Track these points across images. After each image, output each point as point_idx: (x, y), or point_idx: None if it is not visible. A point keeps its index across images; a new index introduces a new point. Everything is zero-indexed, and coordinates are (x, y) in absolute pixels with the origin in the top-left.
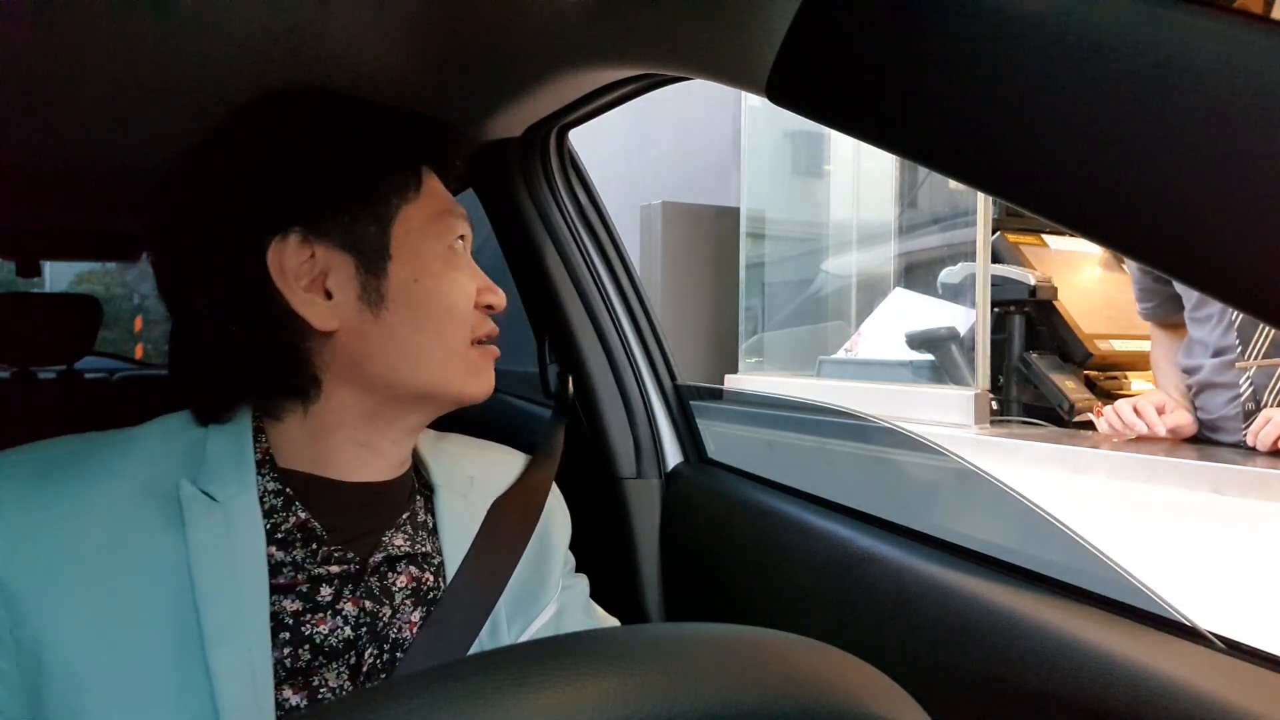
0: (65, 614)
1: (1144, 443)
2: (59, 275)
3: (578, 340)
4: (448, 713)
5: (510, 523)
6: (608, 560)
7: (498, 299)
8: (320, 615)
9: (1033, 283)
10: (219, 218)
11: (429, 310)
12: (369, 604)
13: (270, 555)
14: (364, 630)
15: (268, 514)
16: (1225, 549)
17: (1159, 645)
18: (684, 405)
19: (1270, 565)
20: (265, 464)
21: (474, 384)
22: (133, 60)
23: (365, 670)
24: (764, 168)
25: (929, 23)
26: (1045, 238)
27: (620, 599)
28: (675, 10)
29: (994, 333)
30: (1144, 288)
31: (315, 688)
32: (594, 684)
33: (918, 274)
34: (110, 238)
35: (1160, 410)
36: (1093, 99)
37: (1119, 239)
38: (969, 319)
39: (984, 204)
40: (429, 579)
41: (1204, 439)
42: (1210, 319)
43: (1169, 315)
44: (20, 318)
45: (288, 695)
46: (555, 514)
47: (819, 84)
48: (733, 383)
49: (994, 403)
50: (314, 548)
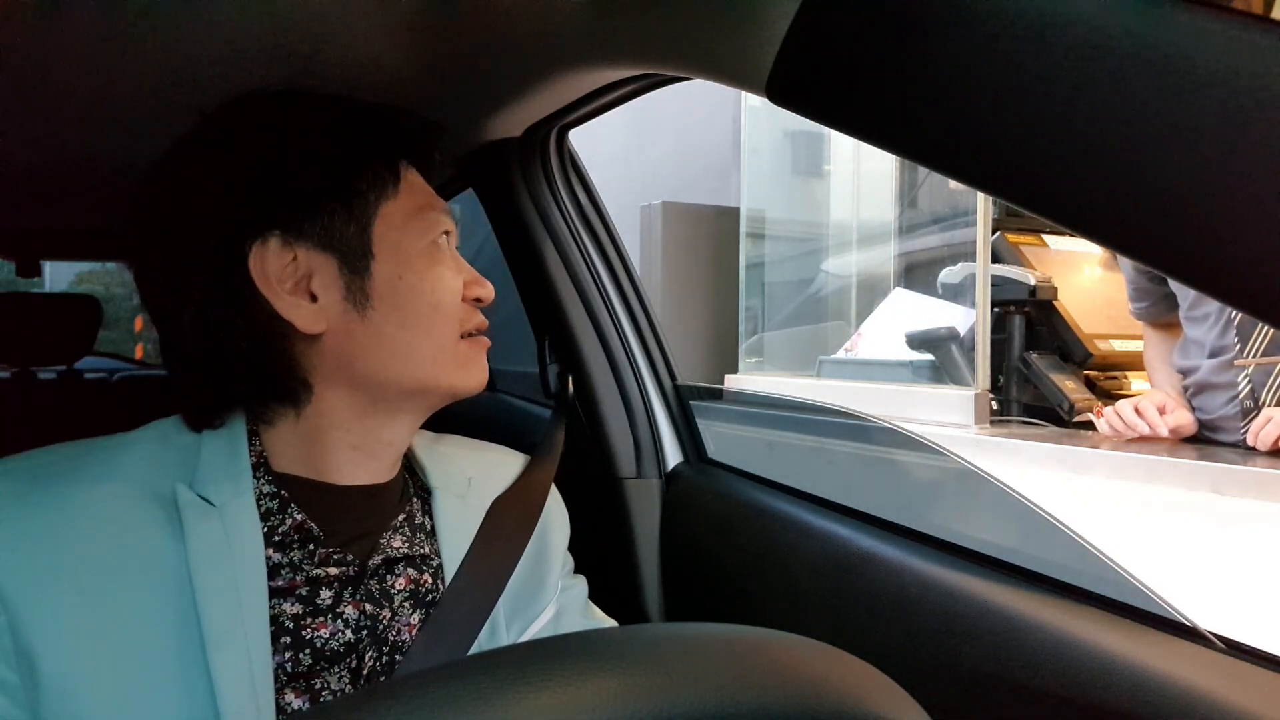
0: (62, 620)
1: (1144, 443)
2: (59, 275)
3: (578, 340)
4: (448, 712)
5: (509, 524)
6: (608, 560)
7: (485, 291)
8: (320, 619)
9: (1033, 283)
10: (195, 222)
11: (416, 307)
12: (369, 607)
13: (268, 557)
14: (364, 633)
15: (264, 517)
16: (1225, 549)
17: (1159, 645)
18: (684, 405)
19: (1270, 565)
20: (260, 467)
21: (466, 377)
22: (133, 59)
23: (366, 673)
24: (764, 168)
25: (929, 23)
26: (1045, 238)
27: (620, 599)
28: (675, 10)
29: (994, 333)
30: (1138, 287)
31: (318, 691)
32: (594, 684)
33: (918, 274)
34: (110, 238)
35: (1161, 410)
36: (1093, 99)
37: (1119, 239)
38: (969, 319)
39: (984, 204)
40: (428, 581)
41: (1204, 439)
42: (1207, 318)
43: (1163, 315)
44: (20, 318)
45: (290, 699)
46: (554, 515)
47: (819, 84)
48: (733, 383)
49: (994, 403)
50: (311, 549)
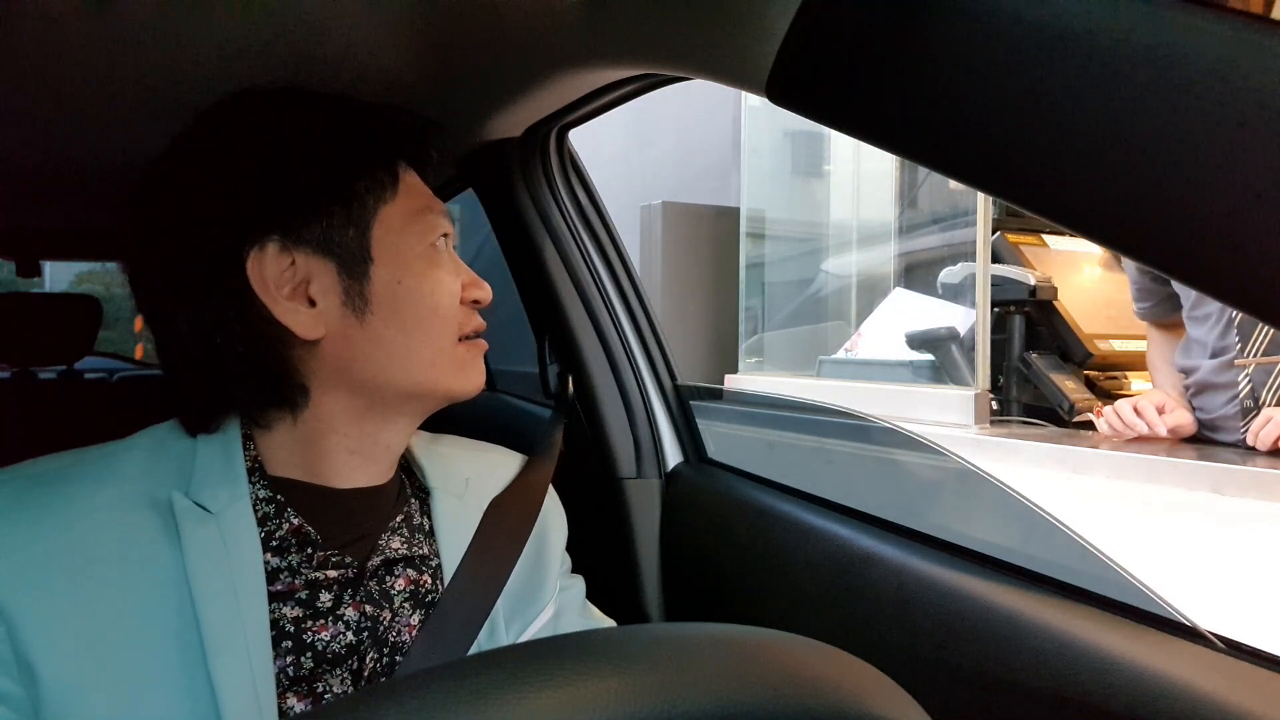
0: (61, 629)
1: (1144, 443)
2: (59, 275)
3: (578, 340)
4: (448, 712)
5: (507, 524)
6: (608, 560)
7: (483, 293)
8: (321, 622)
9: (1033, 283)
10: (193, 222)
11: (414, 311)
12: (369, 608)
13: (266, 562)
14: (365, 634)
15: (261, 522)
16: (1225, 549)
17: (1159, 645)
18: (684, 405)
19: (1270, 565)
20: (255, 472)
21: (463, 380)
22: (133, 59)
23: (367, 675)
24: (764, 168)
25: (929, 23)
26: (1045, 238)
27: (620, 599)
28: (675, 10)
29: (994, 333)
30: (1141, 287)
31: (320, 694)
32: (593, 684)
33: (918, 274)
34: (111, 238)
35: (1161, 410)
36: (1093, 99)
37: (1119, 239)
38: (969, 319)
39: (984, 204)
40: (427, 581)
41: (1203, 438)
42: (1209, 318)
43: (1166, 315)
44: (20, 318)
45: (292, 703)
46: (552, 515)
47: (819, 84)
48: (733, 383)
49: (994, 403)
50: (309, 552)
